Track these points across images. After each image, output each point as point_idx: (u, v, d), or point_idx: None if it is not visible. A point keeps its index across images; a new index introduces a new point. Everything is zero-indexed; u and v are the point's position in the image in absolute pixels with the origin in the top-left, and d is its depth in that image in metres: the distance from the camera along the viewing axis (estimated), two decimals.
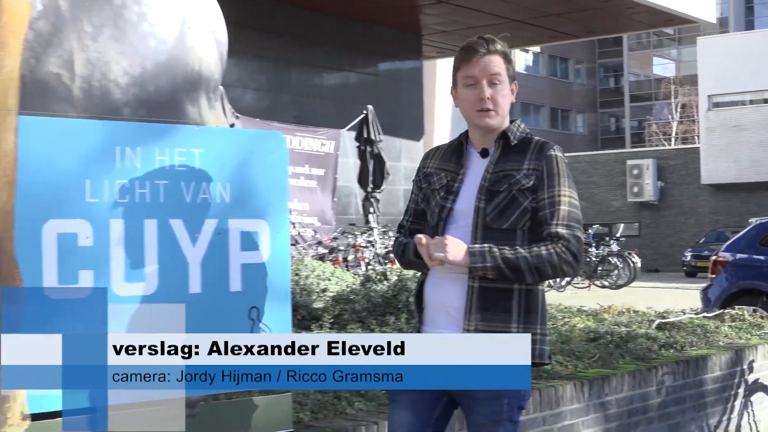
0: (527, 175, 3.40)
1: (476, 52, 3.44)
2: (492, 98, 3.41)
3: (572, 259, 3.33)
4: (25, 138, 3.73)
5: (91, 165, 3.88)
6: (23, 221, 3.72)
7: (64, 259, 3.82)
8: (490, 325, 3.38)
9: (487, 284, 3.36)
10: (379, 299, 7.65)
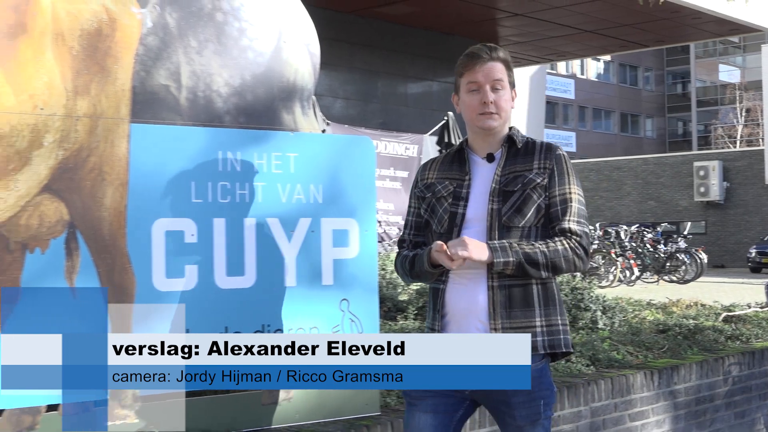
0: (539, 173, 3.29)
1: (479, 58, 3.34)
2: (495, 103, 3.31)
3: (584, 254, 3.26)
4: (136, 144, 3.79)
5: (195, 168, 3.93)
6: (135, 220, 3.79)
7: (172, 254, 3.88)
8: (514, 323, 3.24)
9: (506, 282, 3.23)
10: None
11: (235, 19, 4.21)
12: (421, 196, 3.44)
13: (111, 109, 3.74)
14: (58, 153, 3.60)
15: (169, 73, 4.01)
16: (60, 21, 3.62)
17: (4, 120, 3.44)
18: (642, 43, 29.37)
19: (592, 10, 23.70)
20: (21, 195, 3.53)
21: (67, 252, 3.66)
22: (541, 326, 3.28)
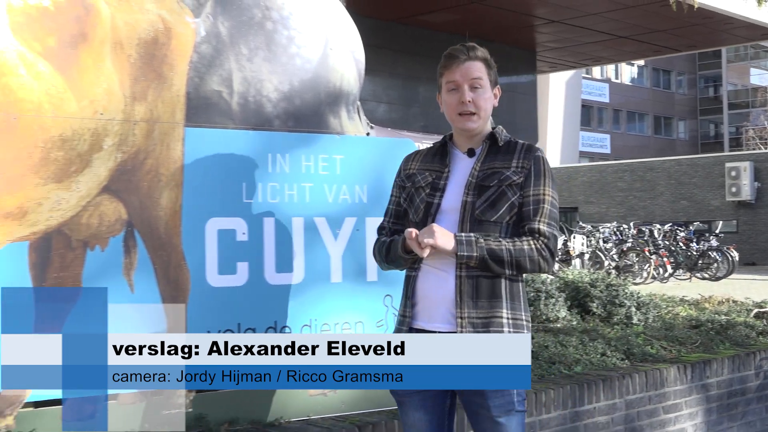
0: (516, 172, 3.21)
1: (457, 58, 3.30)
2: (474, 102, 3.24)
3: (549, 255, 3.16)
4: (190, 147, 3.82)
5: (246, 170, 3.95)
6: (189, 219, 3.81)
7: (224, 251, 3.89)
8: (480, 312, 3.15)
9: (474, 273, 3.14)
10: None
11: (284, 28, 4.22)
12: (402, 186, 3.39)
13: (167, 113, 3.77)
14: (117, 156, 3.63)
15: (221, 79, 4.03)
16: (118, 30, 3.65)
17: (66, 125, 3.48)
18: (675, 48, 29.13)
19: (626, 16, 23.52)
20: (82, 195, 3.56)
21: (126, 249, 3.69)
22: (507, 318, 3.17)
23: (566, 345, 5.90)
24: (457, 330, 3.15)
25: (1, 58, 3.36)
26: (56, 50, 3.50)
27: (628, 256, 20.68)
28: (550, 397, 4.81)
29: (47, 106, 3.44)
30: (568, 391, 4.92)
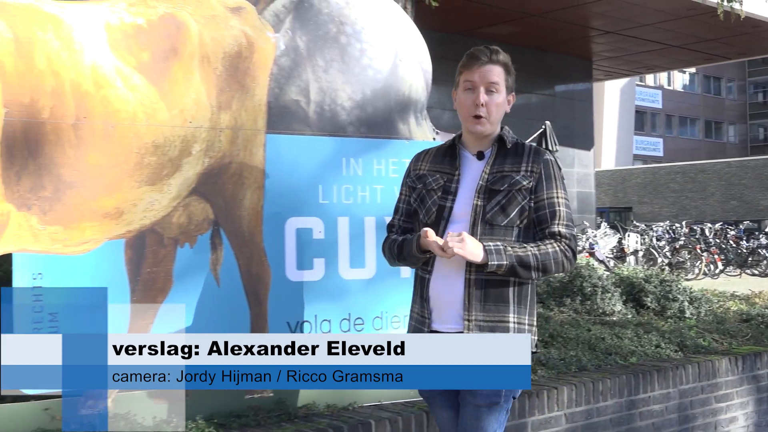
0: (526, 176, 3.04)
1: (478, 59, 3.10)
2: (486, 105, 3.05)
3: (572, 256, 3.01)
4: (271, 152, 3.84)
5: (322, 173, 3.96)
6: (270, 218, 3.84)
7: (302, 249, 3.91)
8: (488, 316, 3.00)
9: (483, 277, 2.98)
10: (557, 284, 7.51)
11: (357, 41, 4.23)
12: (413, 186, 3.22)
13: (249, 121, 3.80)
14: (205, 160, 3.67)
15: (299, 89, 4.05)
16: (206, 45, 3.69)
17: (158, 132, 3.52)
18: (725, 56, 28.57)
19: (678, 26, 23.15)
20: (173, 197, 3.61)
21: (212, 246, 3.73)
22: (513, 323, 3.03)
23: (622, 337, 5.82)
24: (464, 332, 3.02)
25: (100, 72, 3.42)
26: (150, 64, 3.55)
27: (680, 253, 20.31)
28: (606, 386, 4.75)
29: (141, 115, 3.49)
30: (624, 381, 4.85)
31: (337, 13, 4.23)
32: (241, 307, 3.77)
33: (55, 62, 3.33)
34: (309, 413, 3.86)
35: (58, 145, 3.31)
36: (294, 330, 3.88)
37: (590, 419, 4.65)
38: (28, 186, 3.27)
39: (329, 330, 3.96)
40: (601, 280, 7.46)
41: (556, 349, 5.41)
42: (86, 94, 3.37)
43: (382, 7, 4.43)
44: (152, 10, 3.65)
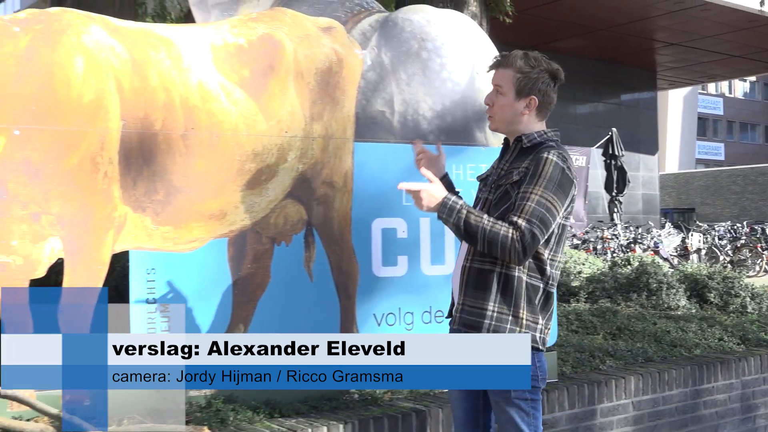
0: (519, 172, 2.86)
1: (493, 65, 3.03)
2: (493, 105, 2.98)
3: (521, 249, 2.74)
4: (359, 158, 3.86)
5: (406, 177, 3.90)
6: (358, 219, 3.85)
7: (387, 247, 3.91)
8: (473, 302, 2.85)
9: (476, 265, 2.87)
10: (624, 280, 7.38)
11: (437, 56, 4.22)
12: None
13: (339, 131, 3.82)
14: (299, 167, 3.70)
15: (384, 101, 4.06)
16: (299, 62, 3.72)
17: (258, 141, 3.57)
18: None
19: (739, 38, 22.56)
20: (270, 200, 3.65)
21: (306, 245, 3.76)
22: (495, 311, 2.83)
23: (686, 330, 5.69)
24: (453, 314, 2.94)
25: (205, 88, 3.48)
26: (250, 80, 3.59)
27: (741, 251, 19.71)
28: (672, 376, 4.64)
29: (242, 126, 3.53)
30: (689, 371, 4.74)
31: (419, 31, 4.23)
32: (332, 300, 3.79)
33: (166, 79, 3.39)
34: (393, 397, 3.86)
35: (169, 154, 3.37)
36: (380, 322, 3.89)
37: (656, 407, 4.56)
38: (142, 190, 3.33)
39: (412, 321, 3.96)
40: (666, 276, 7.31)
41: (624, 341, 5.32)
42: (194, 107, 3.43)
43: (460, 24, 4.42)
44: (252, 30, 3.70)
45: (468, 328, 2.88)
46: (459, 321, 2.91)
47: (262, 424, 3.37)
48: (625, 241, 17.31)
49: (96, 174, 3.23)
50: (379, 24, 4.28)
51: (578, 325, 5.85)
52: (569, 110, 24.40)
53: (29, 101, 3.12)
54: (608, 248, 16.49)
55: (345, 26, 4.06)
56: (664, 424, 4.60)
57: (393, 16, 4.34)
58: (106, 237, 3.29)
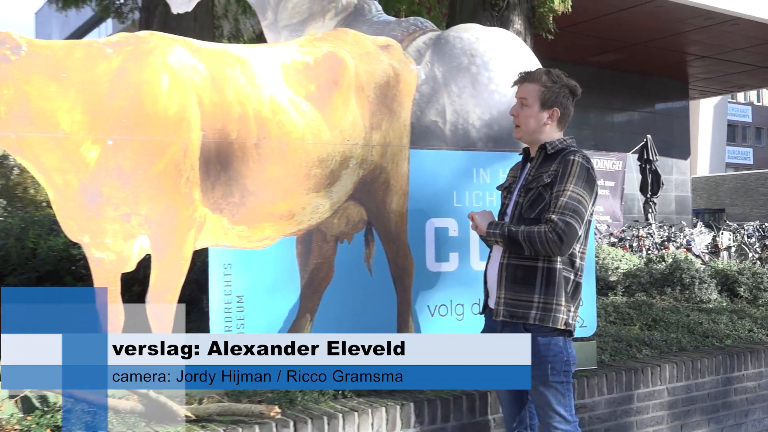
0: (549, 175, 2.93)
1: (517, 80, 3.11)
2: (519, 116, 3.06)
3: (557, 239, 2.79)
4: (414, 164, 3.85)
5: (456, 181, 3.94)
6: (413, 219, 3.84)
7: (439, 244, 3.89)
8: (516, 296, 2.91)
9: (513, 262, 2.94)
10: (659, 275, 7.23)
11: (486, 70, 4.19)
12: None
13: (396, 139, 3.81)
14: (359, 172, 3.71)
15: (437, 111, 4.05)
16: (360, 77, 3.73)
17: (322, 149, 3.58)
18: None
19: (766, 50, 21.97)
20: (334, 202, 3.66)
21: (366, 242, 3.76)
22: (540, 302, 2.89)
23: (717, 322, 5.56)
24: (494, 308, 2.98)
25: (276, 101, 3.50)
26: (315, 94, 3.61)
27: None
28: (704, 365, 4.54)
29: (309, 135, 3.55)
30: (720, 360, 4.63)
31: (469, 47, 4.21)
32: (389, 292, 3.78)
33: (241, 94, 3.43)
34: None
35: (243, 161, 3.40)
36: (433, 313, 3.88)
37: (690, 393, 4.47)
38: (220, 193, 3.37)
39: (462, 313, 3.93)
40: (698, 272, 7.16)
41: (659, 332, 5.22)
42: (265, 119, 3.45)
43: (506, 41, 4.39)
44: (317, 49, 3.72)
45: (515, 318, 2.93)
46: (503, 313, 2.95)
47: (327, 405, 3.38)
48: (659, 240, 16.99)
49: (179, 179, 3.28)
50: (432, 42, 4.27)
51: (616, 316, 5.76)
52: (607, 119, 24.07)
53: (121, 114, 3.18)
54: (643, 246, 16.20)
55: (401, 44, 4.06)
56: (697, 409, 4.51)
57: (445, 35, 4.33)
58: (188, 235, 3.34)
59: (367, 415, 3.29)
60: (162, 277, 3.30)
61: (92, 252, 3.21)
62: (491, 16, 7.24)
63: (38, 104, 3.06)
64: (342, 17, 4.46)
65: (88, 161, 3.14)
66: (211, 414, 3.07)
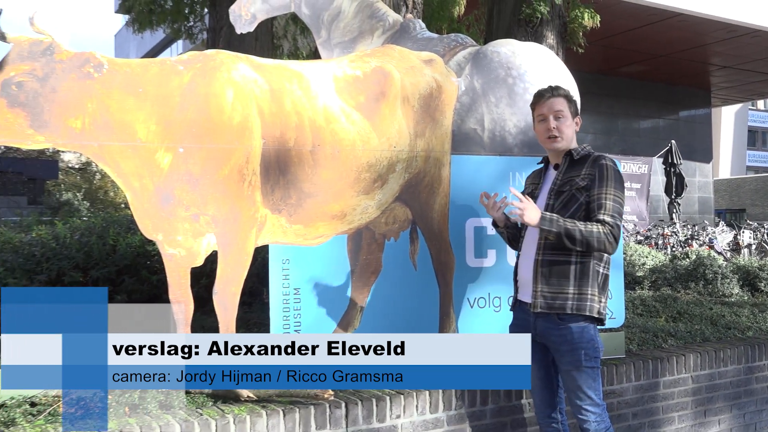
0: (583, 178, 2.97)
1: (543, 96, 3.08)
2: (557, 128, 3.04)
3: (613, 240, 2.87)
4: (455, 168, 3.82)
5: (494, 183, 3.90)
6: (454, 219, 3.82)
7: (478, 242, 3.86)
8: (552, 288, 2.93)
9: (549, 258, 2.95)
10: (683, 271, 7.08)
11: (521, 81, 4.15)
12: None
13: (438, 145, 3.80)
14: (405, 175, 3.70)
15: (476, 120, 4.02)
16: (406, 89, 3.72)
17: (371, 155, 3.58)
18: None
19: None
20: (382, 203, 3.66)
21: (411, 240, 3.75)
22: (576, 294, 2.92)
23: (739, 315, 5.42)
24: (531, 301, 2.98)
25: (329, 111, 3.51)
26: (365, 104, 3.61)
27: None
28: (727, 354, 4.43)
29: (359, 143, 3.55)
30: (742, 351, 4.51)
31: (506, 61, 4.17)
32: (432, 286, 3.77)
33: (297, 105, 3.44)
34: None
35: (299, 166, 3.42)
36: (472, 305, 3.85)
37: (713, 381, 4.36)
38: (279, 196, 3.39)
39: (500, 305, 3.90)
40: (720, 268, 6.99)
41: (683, 324, 5.11)
42: (320, 127, 3.47)
43: (540, 54, 4.34)
44: (366, 64, 3.72)
45: (553, 309, 2.94)
46: (541, 306, 2.96)
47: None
48: (683, 238, 16.65)
49: (242, 183, 3.31)
50: (472, 56, 4.25)
51: (643, 309, 5.65)
52: (634, 126, 23.67)
53: (190, 125, 3.22)
54: (668, 243, 15.89)
55: (443, 58, 4.04)
56: (720, 396, 4.40)
57: (483, 49, 4.30)
58: (250, 233, 3.36)
59: (412, 398, 3.28)
60: (227, 271, 3.33)
61: (165, 248, 3.26)
62: (526, 32, 7.17)
63: (118, 116, 3.12)
64: (389, 35, 4.46)
65: (161, 167, 3.18)
66: (270, 395, 3.09)
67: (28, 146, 3.12)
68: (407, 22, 4.51)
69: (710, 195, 26.56)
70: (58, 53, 3.05)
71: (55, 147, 3.20)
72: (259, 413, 2.93)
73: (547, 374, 3.11)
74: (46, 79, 3.02)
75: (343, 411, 3.09)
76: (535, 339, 2.98)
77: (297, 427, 2.99)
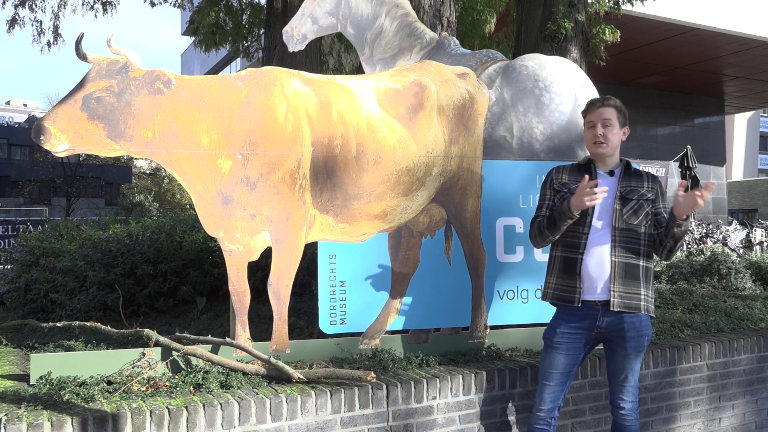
0: (649, 191, 2.98)
1: (594, 105, 3.01)
2: (604, 135, 2.95)
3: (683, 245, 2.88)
4: (486, 172, 3.79)
5: (522, 186, 3.87)
6: (485, 218, 3.79)
7: (508, 239, 3.83)
8: (628, 290, 2.91)
9: (622, 260, 2.90)
10: (698, 266, 6.91)
11: (547, 92, 4.10)
12: (557, 190, 3.04)
13: (471, 151, 3.77)
14: (441, 179, 3.68)
15: (505, 128, 3.98)
16: (441, 100, 3.70)
17: (410, 160, 3.57)
18: None
19: None
20: (419, 204, 3.65)
21: (446, 237, 3.73)
22: (645, 295, 2.93)
23: (752, 307, 5.27)
24: (610, 299, 2.90)
25: (371, 121, 3.52)
26: (404, 114, 3.61)
27: None
28: (740, 344, 4.30)
29: (399, 149, 3.54)
30: (755, 341, 4.38)
31: (533, 73, 4.12)
32: (465, 280, 3.75)
33: (343, 115, 3.45)
34: (513, 354, 3.78)
35: (345, 171, 3.43)
36: (502, 296, 3.82)
37: (727, 369, 4.24)
38: (327, 197, 3.41)
39: (527, 297, 3.86)
40: (734, 263, 6.80)
41: (699, 315, 4.98)
42: (363, 135, 3.47)
43: (565, 67, 4.27)
44: (405, 78, 3.71)
45: (630, 309, 2.94)
46: (619, 305, 2.93)
47: (414, 371, 3.37)
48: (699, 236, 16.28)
49: (294, 186, 3.33)
50: (502, 69, 4.21)
51: (660, 301, 5.53)
52: (652, 132, 23.23)
53: (248, 134, 3.25)
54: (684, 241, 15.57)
55: (475, 72, 4.01)
56: (733, 382, 4.28)
57: (512, 63, 4.25)
58: (301, 231, 3.38)
59: (447, 381, 3.26)
60: (280, 265, 3.35)
61: (226, 245, 3.30)
62: (551, 47, 7.08)
63: (184, 126, 3.17)
64: (426, 51, 4.44)
65: (222, 172, 3.22)
66: (319, 377, 3.11)
67: (106, 154, 3.18)
68: (443, 40, 4.49)
69: (724, 196, 25.92)
70: (132, 71, 3.10)
71: (129, 154, 3.26)
72: (308, 393, 2.94)
73: (570, 372, 3.05)
74: (122, 94, 3.08)
75: (385, 392, 3.09)
76: (588, 333, 2.95)
77: (342, 407, 2.99)
